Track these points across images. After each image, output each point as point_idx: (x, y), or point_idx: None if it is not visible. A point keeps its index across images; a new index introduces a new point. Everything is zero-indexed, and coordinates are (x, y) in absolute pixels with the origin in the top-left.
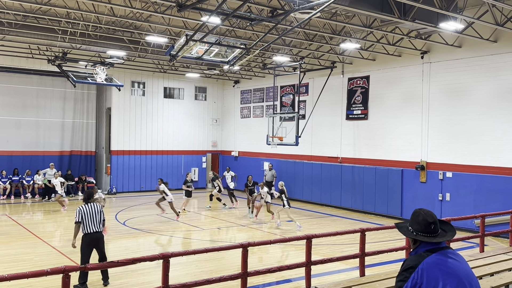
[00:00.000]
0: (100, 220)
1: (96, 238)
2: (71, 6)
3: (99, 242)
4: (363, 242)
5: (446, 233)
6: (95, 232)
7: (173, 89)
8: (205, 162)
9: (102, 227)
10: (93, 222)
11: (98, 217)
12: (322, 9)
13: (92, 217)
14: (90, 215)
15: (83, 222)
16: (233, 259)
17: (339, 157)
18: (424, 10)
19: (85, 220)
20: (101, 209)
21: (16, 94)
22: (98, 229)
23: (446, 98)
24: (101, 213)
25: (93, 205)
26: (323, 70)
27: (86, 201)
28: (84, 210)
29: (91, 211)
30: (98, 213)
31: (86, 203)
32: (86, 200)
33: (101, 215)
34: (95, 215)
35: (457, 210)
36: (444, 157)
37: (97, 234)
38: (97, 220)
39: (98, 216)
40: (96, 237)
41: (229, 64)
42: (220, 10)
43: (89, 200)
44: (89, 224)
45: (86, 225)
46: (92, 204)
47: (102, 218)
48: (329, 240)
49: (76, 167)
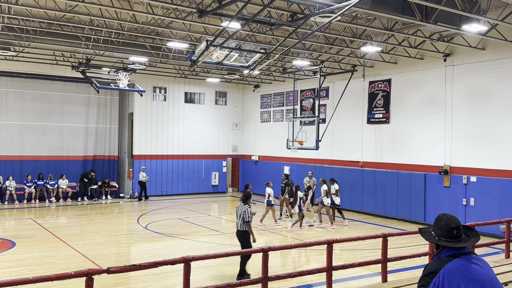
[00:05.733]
0: (241, 220)
1: (238, 235)
2: (94, 13)
3: (239, 239)
4: (385, 248)
5: (470, 239)
6: (237, 230)
7: (194, 94)
8: (225, 166)
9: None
10: (237, 221)
11: (240, 216)
12: (342, 12)
13: (237, 216)
14: (237, 214)
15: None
16: (254, 264)
17: (360, 161)
18: (446, 12)
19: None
20: (245, 209)
21: (41, 100)
22: (241, 228)
23: (470, 101)
24: (245, 213)
25: (243, 206)
26: (344, 73)
27: (244, 201)
28: (236, 209)
29: (237, 211)
30: (240, 213)
31: (243, 202)
32: (245, 201)
33: (243, 215)
34: (239, 214)
35: (482, 215)
36: (468, 161)
37: (239, 232)
38: (240, 219)
39: (241, 216)
40: (238, 234)
41: (249, 68)
42: (240, 15)
43: (247, 201)
44: (237, 222)
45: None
46: (244, 204)
47: (242, 219)
48: (350, 245)
49: (100, 172)
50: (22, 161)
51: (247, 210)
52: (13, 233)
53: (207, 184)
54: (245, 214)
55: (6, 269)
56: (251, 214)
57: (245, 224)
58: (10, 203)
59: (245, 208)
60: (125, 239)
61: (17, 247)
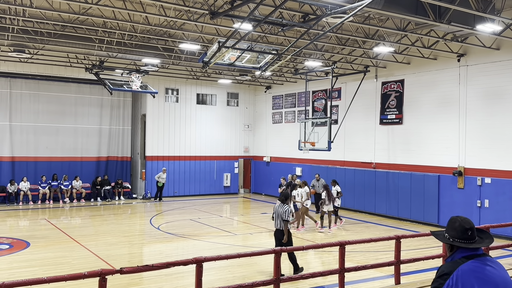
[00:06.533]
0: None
1: (278, 234)
2: (108, 16)
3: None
4: (398, 249)
5: (483, 240)
6: (277, 229)
7: (206, 95)
8: (237, 167)
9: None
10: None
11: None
12: (355, 13)
13: (277, 215)
14: (276, 213)
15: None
16: (266, 265)
17: (372, 163)
18: (460, 12)
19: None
20: (285, 209)
21: (55, 101)
22: (280, 227)
23: (484, 101)
24: (285, 213)
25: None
26: (356, 74)
27: (283, 201)
28: (274, 208)
29: (277, 210)
30: (280, 213)
31: (281, 202)
32: (283, 201)
33: (283, 215)
34: (279, 214)
35: (497, 217)
36: (482, 162)
37: (279, 231)
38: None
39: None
40: (277, 233)
41: (261, 70)
42: (252, 16)
43: (286, 200)
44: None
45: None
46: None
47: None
48: (363, 247)
49: (113, 173)
50: (37, 162)
51: (287, 210)
52: (27, 234)
53: (219, 185)
54: (285, 214)
55: (21, 269)
56: (290, 214)
57: (283, 223)
58: (25, 204)
59: (285, 208)
60: (138, 239)
61: (32, 247)
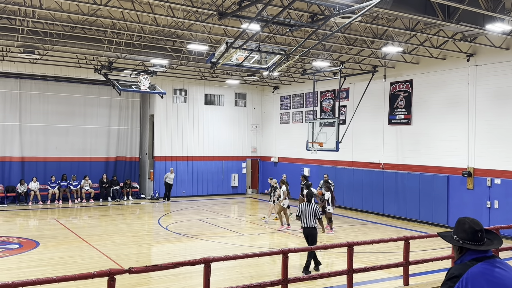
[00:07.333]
0: (313, 217)
1: (309, 232)
2: (116, 17)
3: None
4: (407, 251)
5: (493, 242)
6: (307, 227)
7: (214, 95)
8: (245, 168)
9: (315, 224)
10: (307, 219)
11: (312, 214)
12: (363, 13)
13: (306, 214)
14: (306, 212)
15: (302, 217)
16: (273, 265)
17: (381, 163)
18: (469, 11)
19: (302, 216)
20: (315, 208)
21: (64, 102)
22: (310, 225)
23: (494, 102)
24: (315, 212)
25: (310, 204)
26: (364, 74)
27: (309, 200)
28: (302, 207)
29: (307, 209)
30: (312, 212)
31: (308, 201)
32: (310, 200)
33: (315, 213)
34: (309, 212)
35: (506, 218)
36: (492, 163)
37: (309, 229)
38: (311, 217)
39: (312, 214)
40: (309, 231)
41: (269, 70)
42: (259, 17)
43: (310, 199)
44: (304, 220)
45: (302, 220)
46: (310, 203)
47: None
48: (371, 248)
49: (121, 173)
50: (46, 162)
51: (318, 208)
52: (37, 233)
53: (227, 186)
54: (318, 211)
55: (30, 269)
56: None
57: (316, 220)
58: (34, 204)
59: (315, 206)
60: (146, 239)
61: (41, 247)
